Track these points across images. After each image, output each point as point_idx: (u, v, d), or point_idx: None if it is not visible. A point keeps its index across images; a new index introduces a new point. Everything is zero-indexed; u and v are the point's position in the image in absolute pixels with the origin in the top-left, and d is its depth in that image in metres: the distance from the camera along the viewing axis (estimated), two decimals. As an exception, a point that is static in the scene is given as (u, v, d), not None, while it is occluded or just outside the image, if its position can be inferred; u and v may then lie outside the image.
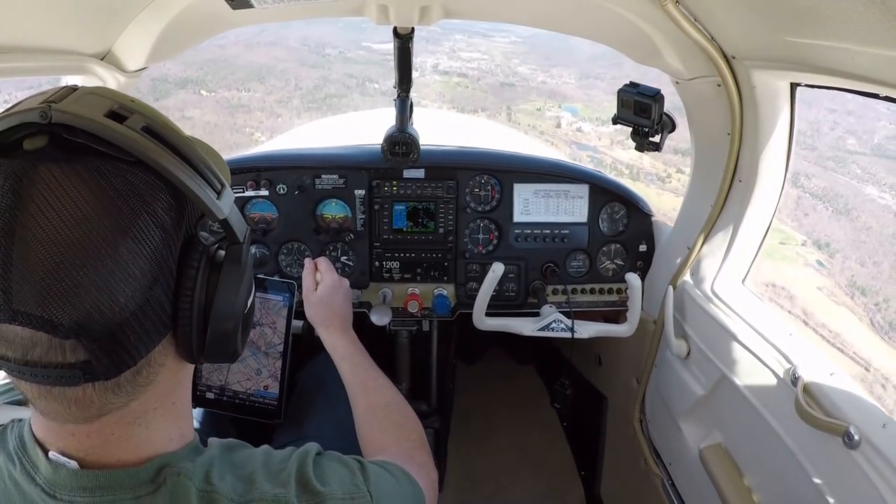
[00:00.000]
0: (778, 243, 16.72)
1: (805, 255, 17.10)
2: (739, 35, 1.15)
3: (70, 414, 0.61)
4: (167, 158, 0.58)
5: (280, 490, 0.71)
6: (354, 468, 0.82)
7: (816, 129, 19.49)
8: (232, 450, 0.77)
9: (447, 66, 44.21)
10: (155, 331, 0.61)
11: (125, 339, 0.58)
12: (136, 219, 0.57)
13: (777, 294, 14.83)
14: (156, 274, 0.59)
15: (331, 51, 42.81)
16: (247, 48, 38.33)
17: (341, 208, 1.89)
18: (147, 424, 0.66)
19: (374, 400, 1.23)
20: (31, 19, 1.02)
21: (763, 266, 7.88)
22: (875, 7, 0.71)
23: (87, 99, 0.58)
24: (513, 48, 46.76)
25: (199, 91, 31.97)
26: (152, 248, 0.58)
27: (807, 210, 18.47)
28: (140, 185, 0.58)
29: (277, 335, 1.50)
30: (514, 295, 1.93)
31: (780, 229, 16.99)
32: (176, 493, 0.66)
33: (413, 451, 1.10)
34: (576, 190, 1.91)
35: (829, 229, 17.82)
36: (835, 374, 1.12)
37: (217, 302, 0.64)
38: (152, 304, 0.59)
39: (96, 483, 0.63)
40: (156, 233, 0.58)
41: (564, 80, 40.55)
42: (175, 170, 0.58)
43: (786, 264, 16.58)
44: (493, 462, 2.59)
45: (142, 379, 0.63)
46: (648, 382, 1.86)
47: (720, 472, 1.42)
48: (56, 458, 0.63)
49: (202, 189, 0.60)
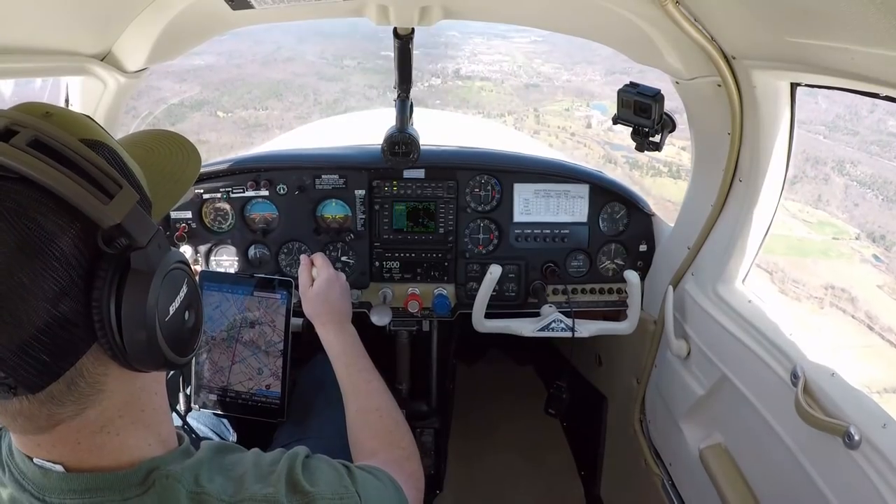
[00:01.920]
0: (831, 238, 16.03)
1: (860, 251, 15.97)
2: (739, 35, 1.14)
3: (20, 425, 0.61)
4: (46, 171, 0.56)
5: (270, 490, 0.73)
6: (342, 471, 0.83)
7: (855, 112, 18.14)
8: (221, 452, 0.78)
9: (469, 70, 43.16)
10: (71, 345, 0.60)
11: (37, 356, 0.57)
12: (26, 238, 0.56)
13: (838, 297, 13.93)
14: (57, 290, 0.57)
15: (349, 62, 41.66)
16: (263, 66, 37.68)
17: (341, 208, 1.89)
18: (117, 432, 0.67)
19: (366, 403, 1.23)
20: (31, 20, 1.02)
21: (820, 267, 7.57)
22: (875, 7, 0.71)
23: None
24: (534, 48, 45.65)
25: (216, 113, 31.25)
26: (46, 264, 0.57)
27: (856, 200, 17.33)
28: (25, 203, 0.57)
29: (277, 333, 1.50)
30: (515, 295, 1.93)
31: (831, 223, 16.26)
32: (165, 495, 0.66)
33: (403, 460, 1.10)
34: (576, 190, 1.91)
35: (883, 219, 16.64)
36: (835, 375, 1.12)
37: (124, 311, 0.61)
38: (61, 321, 0.58)
39: (84, 486, 0.65)
40: (47, 249, 0.57)
41: (589, 77, 39.31)
42: (53, 181, 0.57)
43: (842, 262, 15.64)
44: (493, 462, 2.59)
45: (82, 389, 0.62)
46: (648, 382, 1.86)
47: (720, 473, 1.42)
48: (42, 463, 0.64)
49: (85, 197, 0.58)
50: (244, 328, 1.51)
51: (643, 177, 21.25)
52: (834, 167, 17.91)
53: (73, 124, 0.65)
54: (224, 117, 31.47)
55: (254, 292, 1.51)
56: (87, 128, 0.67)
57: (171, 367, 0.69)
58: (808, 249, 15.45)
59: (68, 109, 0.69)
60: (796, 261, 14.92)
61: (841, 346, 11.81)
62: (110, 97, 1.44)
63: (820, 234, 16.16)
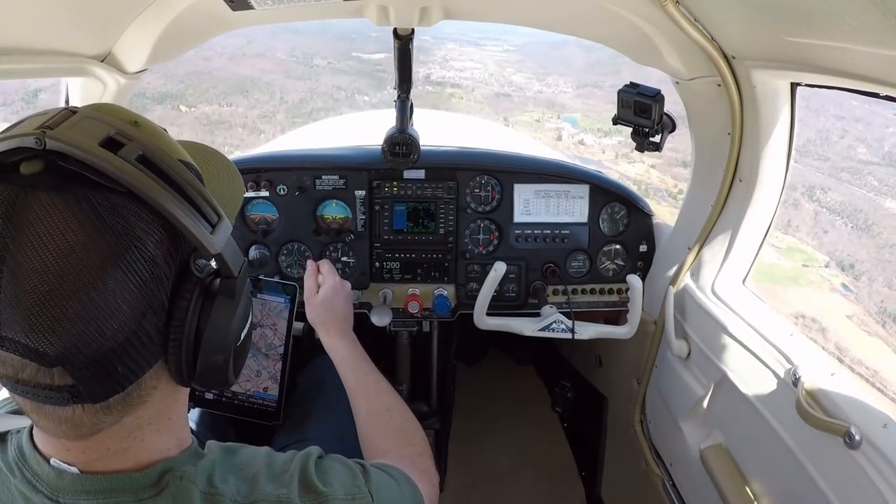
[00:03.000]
0: (801, 265, 15.91)
1: (830, 279, 15.98)
2: (739, 35, 1.14)
3: (62, 431, 0.62)
4: (159, 191, 0.57)
5: (283, 490, 0.73)
6: (356, 470, 0.83)
7: (826, 137, 18.45)
8: (233, 452, 0.78)
9: (439, 76, 42.69)
10: (144, 360, 0.61)
11: (112, 368, 0.58)
12: (126, 252, 0.57)
13: (808, 327, 13.65)
14: (145, 306, 0.59)
15: (319, 61, 41.04)
16: (231, 60, 36.78)
17: (342, 209, 1.89)
18: (143, 438, 0.67)
19: (376, 404, 1.23)
20: (31, 21, 1.02)
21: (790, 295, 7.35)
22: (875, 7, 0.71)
23: (83, 124, 0.57)
24: (506, 56, 45.54)
25: (179, 106, 30.61)
26: (142, 280, 0.58)
27: (825, 227, 17.33)
28: (131, 218, 0.58)
29: (278, 337, 1.50)
30: (515, 295, 1.93)
31: (801, 250, 16.15)
32: (179, 496, 0.66)
33: (416, 456, 1.10)
34: (576, 190, 1.91)
35: (852, 248, 16.71)
36: (835, 375, 1.12)
37: (207, 334, 0.64)
38: (141, 336, 0.59)
39: (99, 487, 0.65)
40: (145, 266, 0.58)
41: (561, 88, 39.54)
42: (167, 203, 0.57)
43: (811, 290, 15.58)
44: (493, 463, 2.58)
45: (132, 399, 0.63)
46: (649, 383, 1.85)
47: (721, 473, 1.42)
48: (58, 464, 0.64)
49: (195, 224, 0.60)
50: None
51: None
52: (804, 192, 17.74)
53: (164, 141, 0.65)
54: (186, 112, 30.73)
55: (256, 294, 1.51)
56: (175, 146, 0.67)
57: (226, 386, 0.71)
58: (778, 276, 15.28)
59: (150, 120, 0.68)
60: (767, 287, 14.55)
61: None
62: (110, 98, 1.44)
63: (789, 261, 16.08)
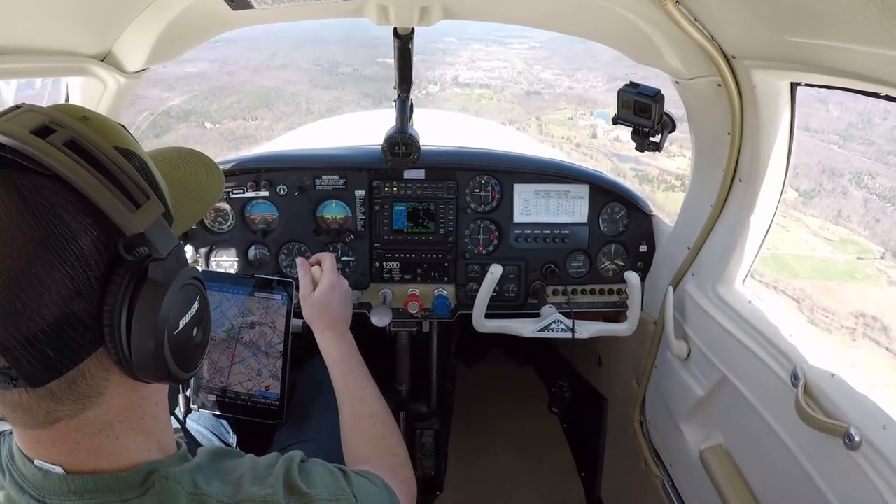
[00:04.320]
0: (856, 258, 15.15)
1: (887, 271, 15.13)
2: (739, 35, 1.14)
3: (19, 418, 0.62)
4: (79, 171, 0.58)
5: (268, 491, 0.74)
6: (338, 474, 0.84)
7: (867, 119, 17.25)
8: (219, 457, 0.79)
9: (467, 77, 41.99)
10: (79, 345, 0.61)
11: (42, 350, 0.58)
12: (49, 232, 0.57)
13: (869, 327, 12.98)
14: (71, 289, 0.59)
15: (345, 69, 40.71)
16: (255, 73, 36.93)
17: (341, 209, 1.89)
18: (116, 436, 0.67)
19: (361, 409, 1.23)
20: (31, 20, 1.02)
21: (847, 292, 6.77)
22: (875, 7, 0.71)
23: (23, 116, 0.60)
24: (533, 53, 44.59)
25: (203, 123, 30.40)
26: (65, 261, 0.58)
27: (877, 215, 16.37)
28: (53, 198, 0.58)
29: (277, 335, 1.50)
30: (515, 295, 1.93)
31: (854, 241, 15.42)
32: (164, 496, 0.67)
33: (396, 466, 1.12)
34: (576, 190, 1.91)
35: None
36: (835, 376, 1.11)
37: (135, 318, 0.62)
38: (71, 320, 0.59)
39: (84, 487, 0.65)
40: (68, 246, 0.58)
41: (591, 83, 38.16)
42: (85, 183, 0.58)
43: (868, 284, 14.75)
44: (493, 463, 2.58)
45: (83, 390, 0.63)
46: (649, 383, 1.85)
47: (721, 474, 1.42)
48: (42, 465, 0.65)
49: (113, 203, 0.59)
50: (244, 329, 1.50)
51: (654, 191, 20.55)
52: (852, 179, 16.97)
53: (108, 131, 0.67)
54: (211, 128, 30.67)
55: (254, 293, 1.51)
56: (121, 136, 0.68)
57: (173, 381, 0.70)
58: (833, 272, 14.79)
59: (104, 116, 0.70)
60: (822, 285, 14.23)
61: (879, 385, 11.06)
62: (110, 97, 1.44)
63: (843, 254, 15.43)
